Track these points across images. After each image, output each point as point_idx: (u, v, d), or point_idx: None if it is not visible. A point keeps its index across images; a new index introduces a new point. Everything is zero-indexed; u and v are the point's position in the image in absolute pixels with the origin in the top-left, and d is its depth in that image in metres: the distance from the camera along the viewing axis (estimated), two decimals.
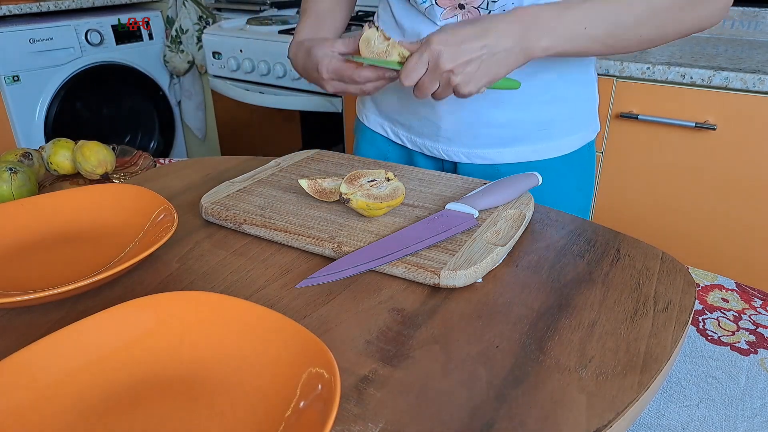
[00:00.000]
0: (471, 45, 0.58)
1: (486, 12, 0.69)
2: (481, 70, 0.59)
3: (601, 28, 0.61)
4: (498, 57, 0.59)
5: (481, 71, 0.59)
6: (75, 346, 0.43)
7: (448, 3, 0.71)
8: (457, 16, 0.72)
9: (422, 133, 0.84)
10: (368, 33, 0.64)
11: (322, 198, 0.67)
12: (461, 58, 0.58)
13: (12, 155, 0.84)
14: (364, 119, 0.92)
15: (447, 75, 0.59)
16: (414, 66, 0.60)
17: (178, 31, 2.48)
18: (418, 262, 0.54)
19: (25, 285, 0.56)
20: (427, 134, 0.83)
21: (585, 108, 0.82)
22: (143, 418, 0.41)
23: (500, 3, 0.69)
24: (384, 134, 0.90)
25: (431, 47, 0.59)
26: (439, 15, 0.73)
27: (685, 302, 0.51)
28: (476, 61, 0.59)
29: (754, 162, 1.25)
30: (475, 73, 0.59)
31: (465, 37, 0.59)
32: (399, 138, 0.88)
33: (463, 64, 0.59)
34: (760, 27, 1.48)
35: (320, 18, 0.83)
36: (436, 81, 0.60)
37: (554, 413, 0.40)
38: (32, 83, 2.21)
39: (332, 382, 0.37)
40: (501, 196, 0.64)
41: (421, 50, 0.60)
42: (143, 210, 0.64)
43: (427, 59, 0.59)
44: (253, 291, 0.54)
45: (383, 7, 0.82)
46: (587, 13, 0.61)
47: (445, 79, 0.60)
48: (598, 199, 1.47)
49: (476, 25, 0.59)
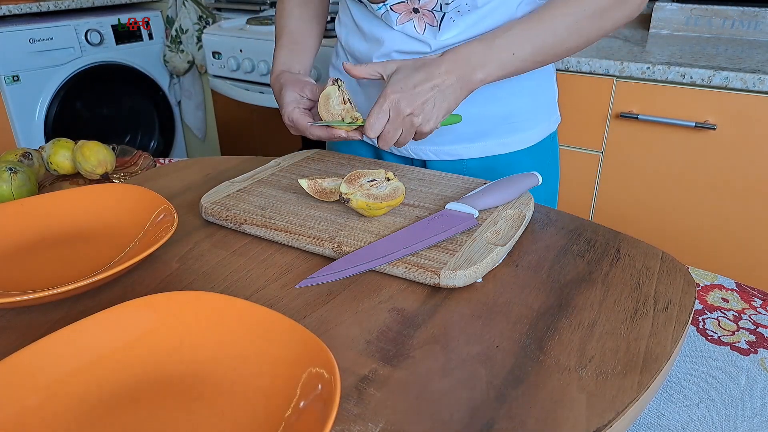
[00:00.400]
0: (422, 87, 0.64)
1: (440, 14, 0.72)
2: (436, 107, 0.65)
3: (527, 50, 0.67)
4: (446, 94, 0.65)
5: (436, 109, 0.65)
6: (75, 346, 0.43)
7: (403, 8, 0.73)
8: (412, 21, 0.74)
9: None
10: (329, 90, 0.69)
11: (322, 198, 0.67)
12: (418, 101, 0.63)
13: (12, 155, 0.84)
14: None
15: (409, 118, 0.64)
16: (376, 117, 0.64)
17: (178, 30, 2.47)
18: (418, 262, 0.54)
19: (25, 285, 0.56)
20: None
21: (545, 100, 0.86)
22: (143, 418, 0.41)
23: (453, 5, 0.71)
24: None
25: (389, 97, 0.64)
26: (395, 20, 0.75)
27: (685, 302, 0.51)
28: (430, 101, 0.64)
29: (754, 162, 1.25)
30: (432, 111, 0.65)
31: (416, 82, 0.64)
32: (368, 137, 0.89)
33: (420, 106, 0.64)
34: (760, 27, 1.48)
35: (294, 39, 0.85)
36: (399, 127, 0.65)
37: (554, 413, 0.40)
38: (32, 83, 2.21)
39: (332, 382, 0.37)
40: (501, 196, 0.64)
41: (380, 103, 0.64)
42: (143, 210, 0.64)
43: (387, 108, 0.64)
44: (253, 291, 0.54)
45: (343, 9, 0.84)
46: (513, 41, 0.67)
47: (407, 122, 0.65)
48: (598, 199, 1.47)
49: (422, 71, 0.64)
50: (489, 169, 0.84)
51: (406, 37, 0.76)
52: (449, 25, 0.73)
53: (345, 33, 0.84)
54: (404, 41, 0.76)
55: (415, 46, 0.76)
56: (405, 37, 0.76)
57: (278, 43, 0.85)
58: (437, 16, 0.72)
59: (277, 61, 0.83)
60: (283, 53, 0.84)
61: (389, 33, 0.76)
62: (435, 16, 0.72)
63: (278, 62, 0.83)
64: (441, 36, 0.74)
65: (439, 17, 0.72)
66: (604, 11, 0.67)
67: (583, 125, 1.41)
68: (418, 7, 0.72)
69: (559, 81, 1.18)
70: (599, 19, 0.68)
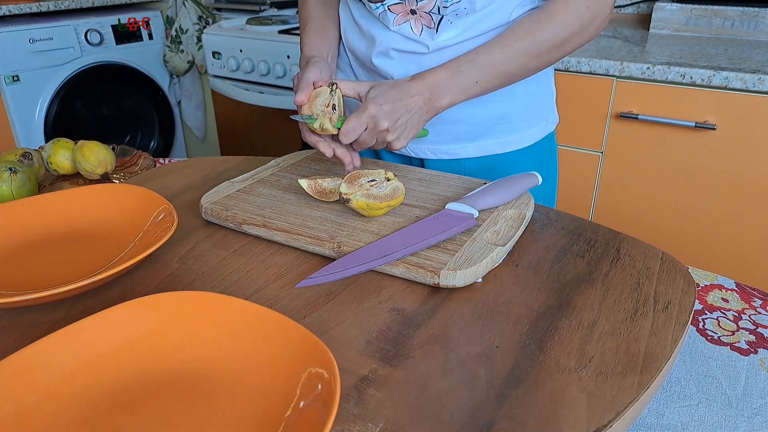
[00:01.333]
0: (397, 105, 0.67)
1: (438, 17, 0.73)
2: (408, 127, 0.69)
3: (490, 77, 0.71)
4: (416, 115, 0.69)
5: (407, 129, 0.69)
6: (75, 346, 0.43)
7: (401, 9, 0.74)
8: (409, 22, 0.75)
9: None
10: (322, 90, 0.70)
11: (322, 198, 0.67)
12: (393, 117, 0.67)
13: (12, 155, 0.84)
14: None
15: (383, 133, 0.68)
16: (353, 128, 0.67)
17: (178, 31, 2.47)
18: (418, 262, 0.54)
19: (25, 285, 0.56)
20: None
21: (543, 100, 0.86)
22: (143, 417, 0.41)
23: (452, 8, 0.71)
24: None
25: (369, 112, 0.67)
26: (392, 20, 0.75)
27: (685, 302, 0.51)
28: (403, 119, 0.68)
29: (754, 162, 1.24)
30: (404, 131, 0.69)
31: (392, 99, 0.67)
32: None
33: (395, 122, 0.67)
34: (760, 27, 1.48)
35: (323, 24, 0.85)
36: (373, 138, 0.68)
37: (554, 413, 0.40)
38: (32, 83, 2.21)
39: (332, 382, 0.37)
40: (501, 196, 0.64)
41: (359, 115, 0.67)
42: (143, 210, 0.64)
43: (365, 121, 0.67)
44: (253, 291, 0.54)
45: (343, 7, 0.84)
46: (476, 70, 0.70)
47: (381, 136, 0.68)
48: (598, 199, 1.47)
49: (395, 90, 0.68)
50: (487, 169, 0.84)
51: (403, 38, 0.76)
52: (447, 27, 0.73)
53: (344, 30, 0.84)
54: (401, 40, 0.76)
55: (412, 46, 0.76)
56: (402, 37, 0.76)
57: (306, 29, 0.86)
58: (434, 18, 0.73)
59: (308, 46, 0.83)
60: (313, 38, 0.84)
61: (386, 32, 0.76)
62: (432, 18, 0.73)
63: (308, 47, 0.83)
64: (438, 38, 0.74)
65: (437, 19, 0.73)
66: (564, 41, 0.71)
67: (583, 125, 1.41)
68: (415, 8, 0.72)
69: (559, 81, 1.18)
70: (560, 47, 0.71)
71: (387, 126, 0.67)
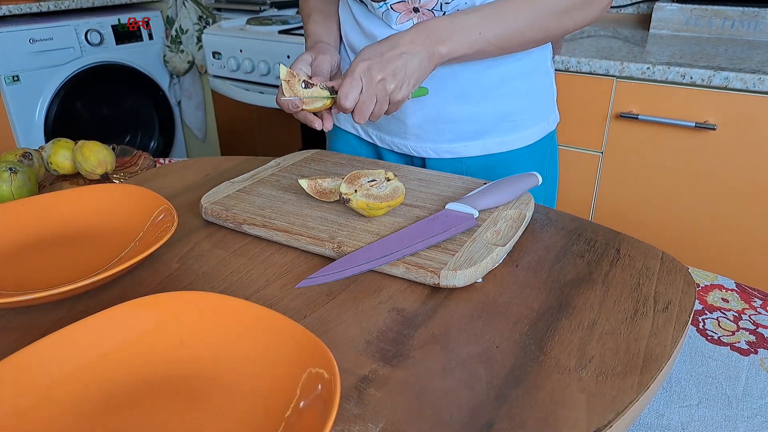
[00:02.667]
0: (390, 54, 0.64)
1: (440, 14, 0.72)
2: (407, 73, 0.64)
3: (492, 32, 0.68)
4: (414, 61, 0.65)
5: (407, 74, 0.64)
6: (75, 346, 0.43)
7: (403, 7, 0.74)
8: (412, 20, 0.74)
9: (390, 131, 0.87)
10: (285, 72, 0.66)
11: (322, 198, 0.67)
12: (388, 67, 0.63)
13: (12, 155, 0.84)
14: (335, 119, 0.94)
15: (381, 84, 0.64)
16: (349, 87, 0.63)
17: (178, 31, 2.47)
18: (418, 262, 0.54)
19: (25, 285, 0.56)
20: (395, 132, 0.86)
21: (544, 99, 0.86)
22: (143, 418, 0.41)
23: (453, 3, 0.71)
24: (355, 133, 0.93)
25: (358, 66, 0.63)
26: (395, 19, 0.75)
27: (685, 302, 0.51)
28: (401, 67, 0.64)
29: (754, 162, 1.24)
30: (404, 77, 0.64)
31: (383, 50, 0.64)
32: (369, 136, 0.91)
33: (391, 71, 0.64)
34: (760, 27, 1.48)
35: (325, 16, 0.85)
36: (372, 95, 0.64)
37: (554, 413, 0.40)
38: (32, 83, 2.21)
39: (332, 382, 0.37)
40: (501, 196, 0.64)
41: (350, 72, 0.63)
42: (143, 210, 0.64)
43: (359, 77, 0.63)
44: (253, 291, 0.54)
45: (343, 7, 0.84)
46: (478, 21, 0.68)
47: (380, 89, 0.64)
48: (598, 199, 1.47)
49: (388, 40, 0.65)
50: (489, 168, 0.84)
51: None
52: None
53: (345, 30, 0.85)
54: None
55: None
56: None
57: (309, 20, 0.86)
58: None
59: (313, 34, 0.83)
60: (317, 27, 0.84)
61: (388, 32, 0.77)
62: (435, 15, 0.73)
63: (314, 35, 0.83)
64: None
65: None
66: (566, 11, 0.70)
67: (583, 125, 1.41)
68: (418, 6, 0.72)
69: (559, 81, 1.18)
70: (561, 18, 0.71)
71: (382, 75, 0.63)
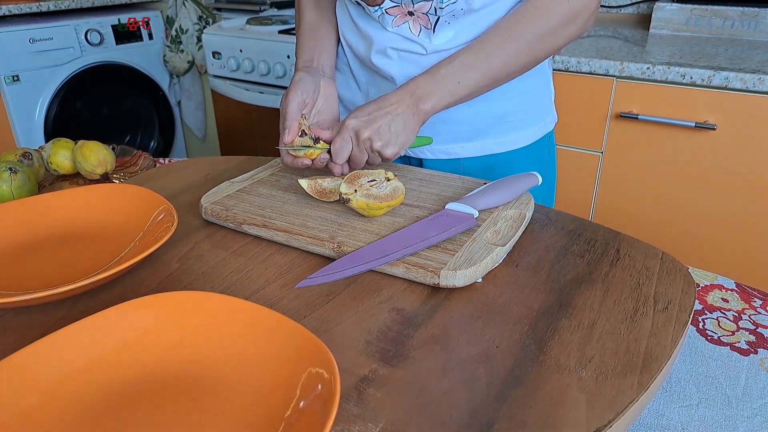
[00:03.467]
0: (376, 114, 0.67)
1: (435, 17, 0.73)
2: (392, 131, 0.67)
3: (473, 78, 0.70)
4: (399, 120, 0.68)
5: (392, 132, 0.67)
6: (75, 346, 0.43)
7: (398, 11, 0.74)
8: (407, 23, 0.75)
9: None
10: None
11: (322, 198, 0.67)
12: (373, 125, 0.67)
13: (12, 155, 0.84)
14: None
15: (368, 142, 0.67)
16: (340, 145, 0.67)
17: (178, 31, 2.47)
18: (418, 262, 0.54)
19: (25, 285, 0.56)
20: None
21: (541, 100, 0.86)
22: (143, 418, 0.41)
23: (448, 9, 0.71)
24: None
25: (348, 127, 0.67)
26: (390, 22, 0.75)
27: (685, 302, 0.51)
28: (385, 125, 0.67)
29: (754, 162, 1.24)
30: (390, 135, 0.67)
31: (369, 111, 0.68)
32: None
33: (377, 130, 0.67)
34: (760, 27, 1.48)
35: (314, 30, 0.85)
36: (362, 151, 0.68)
37: (554, 413, 0.40)
38: (32, 83, 2.20)
39: (332, 382, 0.37)
40: (501, 196, 0.64)
41: (341, 132, 0.67)
42: (143, 210, 0.64)
43: (348, 136, 0.67)
44: (253, 291, 0.54)
45: (341, 8, 0.84)
46: (457, 71, 0.69)
47: (368, 146, 0.67)
48: (598, 199, 1.47)
49: (376, 102, 0.69)
50: (486, 168, 0.84)
51: (402, 38, 0.76)
52: (444, 27, 0.73)
53: (343, 30, 0.85)
54: (399, 41, 0.76)
55: (410, 46, 0.76)
56: (400, 38, 0.76)
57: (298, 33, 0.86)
58: (432, 19, 0.73)
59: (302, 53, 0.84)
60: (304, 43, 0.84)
61: (384, 34, 0.77)
62: (429, 19, 0.73)
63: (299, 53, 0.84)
64: (435, 39, 0.74)
65: (434, 20, 0.73)
66: (550, 33, 0.70)
67: (583, 125, 1.41)
68: (412, 10, 0.72)
69: (559, 81, 1.18)
70: (545, 41, 0.70)
71: (368, 134, 0.66)
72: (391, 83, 0.79)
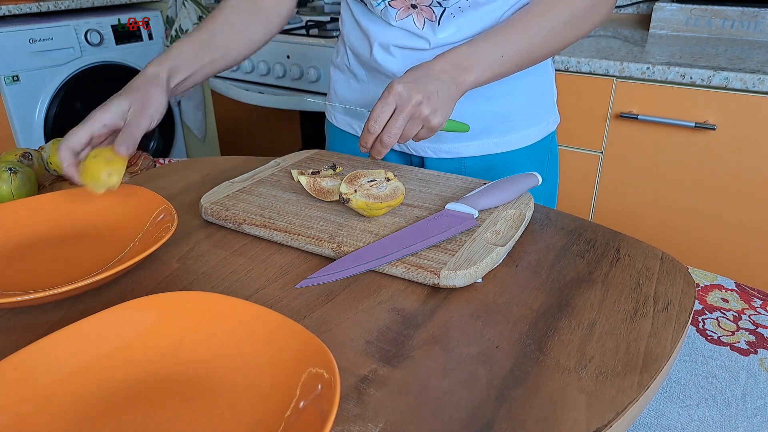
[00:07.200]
0: (423, 79, 0.63)
1: (440, 10, 0.72)
2: (440, 99, 0.63)
3: (513, 52, 0.68)
4: (445, 90, 0.64)
5: (440, 101, 0.63)
6: (75, 346, 0.43)
7: (401, 4, 0.74)
8: (411, 16, 0.74)
9: None
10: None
11: (319, 197, 0.67)
12: (424, 90, 0.62)
13: (12, 155, 0.84)
14: (332, 119, 0.94)
15: (419, 108, 0.62)
16: (382, 110, 0.62)
17: (177, 31, 2.47)
18: (418, 262, 0.54)
19: (25, 285, 0.56)
20: None
21: (544, 100, 0.86)
22: (143, 418, 0.41)
23: (454, 1, 0.71)
24: (352, 132, 0.92)
25: (394, 90, 0.62)
26: (394, 15, 0.75)
27: (685, 302, 0.51)
28: (434, 93, 0.63)
29: (754, 162, 1.24)
30: (439, 102, 0.63)
31: (417, 76, 0.63)
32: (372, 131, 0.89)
33: (427, 95, 0.62)
34: (760, 27, 1.48)
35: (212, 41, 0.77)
36: (407, 116, 0.62)
37: (554, 413, 0.40)
38: (32, 83, 2.20)
39: (332, 382, 0.37)
40: (501, 196, 0.64)
41: (384, 97, 0.62)
42: (143, 210, 0.64)
43: (393, 101, 0.62)
44: (253, 291, 0.54)
45: (344, 7, 0.84)
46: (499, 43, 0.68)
47: (417, 111, 0.62)
48: (598, 199, 1.47)
49: (420, 68, 0.64)
50: (488, 168, 0.84)
51: (405, 33, 0.76)
52: (449, 21, 0.73)
53: (346, 31, 0.85)
54: (403, 36, 0.76)
55: (413, 42, 0.76)
56: (404, 32, 0.76)
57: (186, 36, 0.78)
58: (436, 11, 0.73)
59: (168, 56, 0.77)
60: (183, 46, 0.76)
61: (388, 29, 0.77)
62: (434, 11, 0.73)
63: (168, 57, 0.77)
64: (440, 33, 0.74)
65: (438, 13, 0.73)
66: (581, 17, 0.70)
67: (583, 125, 1.41)
68: (415, 2, 0.72)
69: (559, 81, 1.18)
70: (574, 26, 0.71)
71: (420, 98, 0.61)
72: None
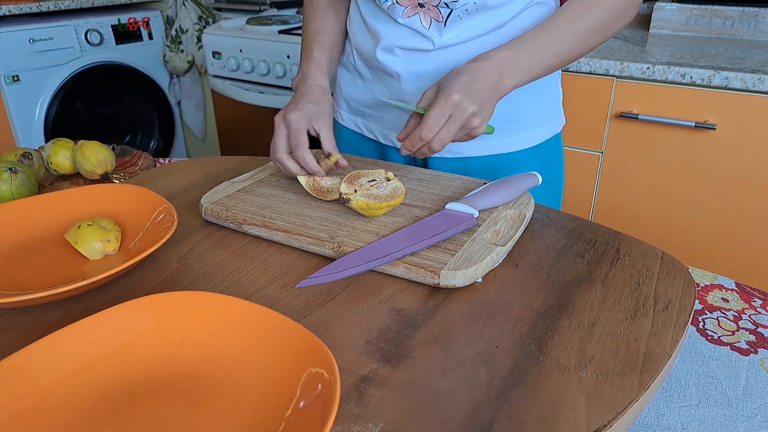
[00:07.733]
0: (473, 87, 0.63)
1: (447, 10, 0.72)
2: (486, 109, 0.64)
3: (550, 57, 0.69)
4: (491, 97, 0.65)
5: (486, 111, 0.64)
6: (75, 346, 0.43)
7: (408, 2, 0.74)
8: (418, 15, 0.74)
9: (394, 127, 0.86)
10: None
11: (319, 196, 0.67)
12: (478, 101, 0.63)
13: (12, 155, 0.84)
14: (338, 118, 0.94)
15: (471, 119, 0.63)
16: (435, 119, 0.62)
17: (177, 30, 2.47)
18: (418, 262, 0.54)
19: (25, 285, 0.56)
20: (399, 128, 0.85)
21: (550, 101, 0.86)
22: (143, 418, 0.41)
23: (461, 2, 0.71)
24: (358, 131, 0.92)
25: (452, 99, 0.62)
26: (401, 13, 0.75)
27: (685, 302, 0.51)
28: (486, 104, 0.64)
29: (754, 162, 1.24)
30: (487, 111, 0.64)
31: (467, 81, 0.63)
32: (372, 133, 0.90)
33: (480, 106, 0.63)
34: (760, 27, 1.48)
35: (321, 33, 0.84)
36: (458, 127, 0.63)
37: (554, 413, 0.40)
38: (32, 83, 2.20)
39: (332, 382, 0.37)
40: (501, 196, 0.64)
41: (440, 105, 0.62)
42: (143, 210, 0.64)
43: (448, 111, 0.62)
44: (253, 291, 0.54)
45: (353, 6, 0.84)
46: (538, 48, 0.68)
47: (469, 123, 0.63)
48: (598, 199, 1.47)
49: (467, 72, 0.64)
50: (492, 169, 0.84)
51: (410, 32, 0.76)
52: (455, 22, 0.73)
53: (353, 29, 0.85)
54: (408, 36, 0.76)
55: (418, 42, 0.75)
56: (409, 31, 0.76)
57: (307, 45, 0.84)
58: (443, 12, 0.73)
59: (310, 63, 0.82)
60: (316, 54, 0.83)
61: (394, 28, 0.76)
62: (441, 12, 0.73)
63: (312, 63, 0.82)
64: (446, 33, 0.74)
65: (445, 13, 0.73)
66: (609, 24, 0.71)
67: (583, 125, 1.41)
68: (422, 2, 0.72)
69: None
70: (603, 30, 0.72)
71: (474, 110, 0.62)
72: (396, 80, 0.79)
